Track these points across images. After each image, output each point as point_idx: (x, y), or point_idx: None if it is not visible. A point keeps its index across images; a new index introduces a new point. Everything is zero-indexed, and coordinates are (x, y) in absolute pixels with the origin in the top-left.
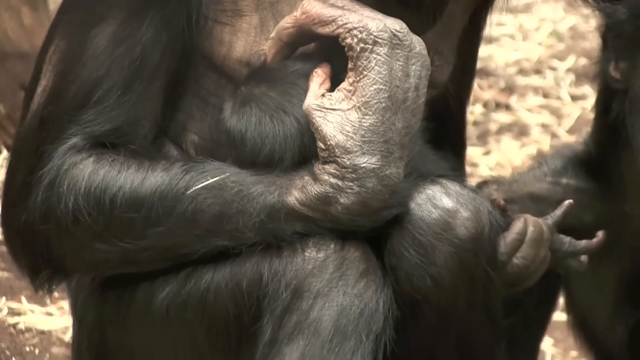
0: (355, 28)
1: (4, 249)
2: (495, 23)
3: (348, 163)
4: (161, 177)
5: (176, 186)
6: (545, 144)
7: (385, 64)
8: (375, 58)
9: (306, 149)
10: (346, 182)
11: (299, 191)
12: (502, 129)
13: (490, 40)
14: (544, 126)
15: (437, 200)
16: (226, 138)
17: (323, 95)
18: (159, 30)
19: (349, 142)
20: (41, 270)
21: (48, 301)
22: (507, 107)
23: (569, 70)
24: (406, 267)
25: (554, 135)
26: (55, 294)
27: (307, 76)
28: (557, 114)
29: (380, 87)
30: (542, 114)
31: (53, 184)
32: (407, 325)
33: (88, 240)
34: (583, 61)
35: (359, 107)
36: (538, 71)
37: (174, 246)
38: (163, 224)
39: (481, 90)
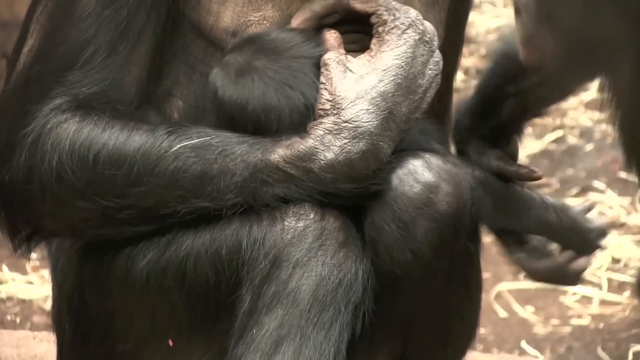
0: (396, 9)
1: None
2: None
3: (350, 117)
4: (146, 136)
5: (160, 145)
6: None
7: (411, 48)
8: (404, 38)
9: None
10: (339, 138)
11: (284, 148)
12: None
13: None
14: None
15: (418, 175)
16: (218, 106)
17: (345, 55)
18: None
19: (359, 99)
20: (20, 230)
21: (29, 270)
22: None
23: None
24: (386, 241)
25: None
26: (37, 263)
27: (310, 52)
28: None
29: (402, 64)
30: None
31: (37, 142)
32: (385, 298)
33: (70, 198)
34: None
35: (377, 73)
36: None
37: (155, 206)
38: (145, 182)
39: (462, 58)
